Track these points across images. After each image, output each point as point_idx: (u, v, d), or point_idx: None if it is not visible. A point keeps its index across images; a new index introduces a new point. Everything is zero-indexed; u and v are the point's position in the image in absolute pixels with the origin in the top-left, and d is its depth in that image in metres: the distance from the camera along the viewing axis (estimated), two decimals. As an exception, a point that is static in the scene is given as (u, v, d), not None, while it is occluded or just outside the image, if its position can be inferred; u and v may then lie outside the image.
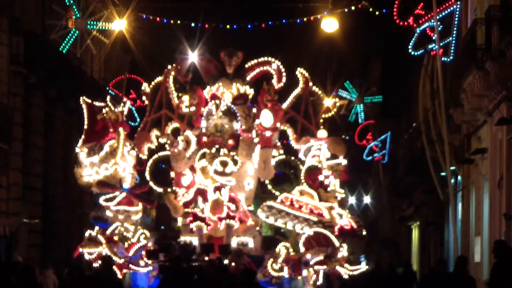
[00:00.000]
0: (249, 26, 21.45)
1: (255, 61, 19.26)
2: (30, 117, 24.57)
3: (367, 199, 38.97)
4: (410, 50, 20.35)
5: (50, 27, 22.88)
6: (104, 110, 18.78)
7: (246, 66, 19.27)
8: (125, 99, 19.19)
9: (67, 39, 21.17)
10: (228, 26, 21.47)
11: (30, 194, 24.40)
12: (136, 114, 20.70)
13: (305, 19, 21.41)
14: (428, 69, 22.05)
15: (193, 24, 21.09)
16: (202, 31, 20.52)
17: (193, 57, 19.03)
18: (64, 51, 21.85)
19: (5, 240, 20.56)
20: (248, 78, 19.26)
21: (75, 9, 21.02)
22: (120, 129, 18.70)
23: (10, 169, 23.24)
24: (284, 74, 19.07)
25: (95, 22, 21.25)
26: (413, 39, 20.22)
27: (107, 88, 21.92)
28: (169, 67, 19.16)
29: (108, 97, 19.05)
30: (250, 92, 18.97)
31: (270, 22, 21.48)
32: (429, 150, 22.07)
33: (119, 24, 21.41)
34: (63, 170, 26.30)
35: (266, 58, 19.22)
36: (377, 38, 35.02)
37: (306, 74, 19.22)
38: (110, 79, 23.60)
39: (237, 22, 21.59)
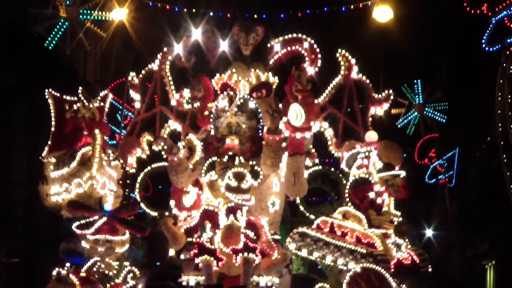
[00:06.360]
0: (282, 16, 19.11)
1: (281, 38, 16.43)
2: (9, 130, 21.95)
3: (429, 232, 35.23)
4: (484, 45, 18.81)
5: (34, 16, 20.83)
6: (75, 106, 15.52)
7: (269, 45, 16.43)
8: (106, 92, 15.95)
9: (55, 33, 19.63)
10: (255, 16, 18.89)
11: (9, 226, 21.65)
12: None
13: (351, 6, 19.43)
14: (506, 69, 19.96)
15: (212, 14, 18.54)
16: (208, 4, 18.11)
17: (197, 34, 16.11)
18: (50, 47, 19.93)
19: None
20: (272, 61, 16.43)
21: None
22: (96, 131, 15.35)
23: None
24: (319, 56, 16.15)
25: (89, 11, 19.80)
26: (488, 31, 18.75)
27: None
28: (165, 49, 16.28)
29: (80, 89, 15.82)
30: (274, 80, 16.14)
31: (308, 11, 19.14)
32: (508, 170, 19.90)
33: (119, 14, 19.44)
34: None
35: (295, 35, 16.37)
36: (442, 31, 32.42)
37: (350, 58, 16.27)
38: (108, 83, 22.44)
39: (265, 10, 19.08)
